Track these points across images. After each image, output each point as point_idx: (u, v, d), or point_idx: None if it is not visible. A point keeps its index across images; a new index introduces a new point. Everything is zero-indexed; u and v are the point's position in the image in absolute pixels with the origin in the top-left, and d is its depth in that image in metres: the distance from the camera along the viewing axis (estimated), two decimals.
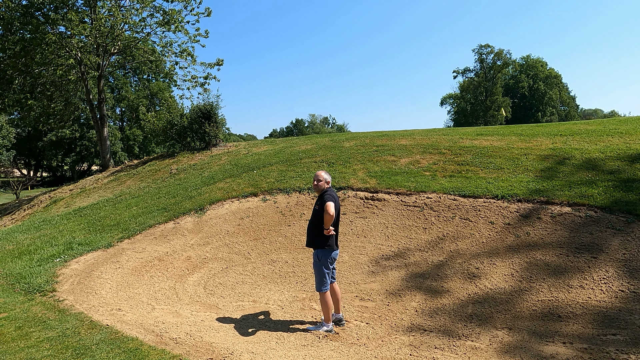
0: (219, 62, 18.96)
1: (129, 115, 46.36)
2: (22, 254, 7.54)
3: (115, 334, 4.22)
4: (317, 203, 4.52)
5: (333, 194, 4.53)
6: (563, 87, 66.08)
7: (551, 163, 7.72)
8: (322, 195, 4.48)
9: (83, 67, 17.95)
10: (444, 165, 8.53)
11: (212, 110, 14.95)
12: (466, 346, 4.06)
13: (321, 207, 4.37)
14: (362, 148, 10.68)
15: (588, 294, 4.60)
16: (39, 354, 3.87)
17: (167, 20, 17.06)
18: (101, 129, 18.62)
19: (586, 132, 9.62)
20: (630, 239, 5.20)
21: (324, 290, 4.46)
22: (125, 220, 8.67)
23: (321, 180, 4.52)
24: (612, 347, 3.80)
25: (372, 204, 7.40)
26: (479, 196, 6.84)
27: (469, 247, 5.84)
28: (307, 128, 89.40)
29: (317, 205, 4.50)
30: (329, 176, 4.60)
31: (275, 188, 8.71)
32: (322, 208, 4.34)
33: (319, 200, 4.48)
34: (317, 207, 4.50)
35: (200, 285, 5.94)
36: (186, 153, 14.91)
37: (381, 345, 4.17)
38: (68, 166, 45.23)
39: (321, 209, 4.36)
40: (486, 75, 61.26)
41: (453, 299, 4.93)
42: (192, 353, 3.85)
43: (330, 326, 4.50)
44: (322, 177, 4.53)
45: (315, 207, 4.54)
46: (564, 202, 6.17)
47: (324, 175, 4.56)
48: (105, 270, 6.43)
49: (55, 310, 5.00)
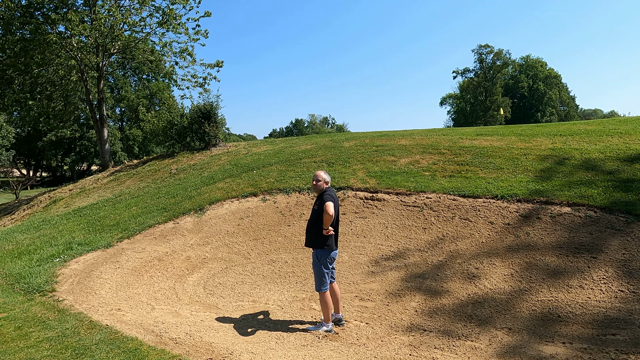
0: (219, 64, 18.97)
1: (129, 115, 46.34)
2: (22, 254, 7.54)
3: (114, 334, 4.22)
4: (316, 203, 4.52)
5: (332, 194, 4.53)
6: (563, 87, 66.11)
7: (551, 163, 7.73)
8: (321, 195, 4.48)
9: (83, 68, 17.94)
10: (443, 165, 8.53)
11: (212, 110, 14.95)
12: (466, 346, 4.06)
13: (320, 207, 4.37)
14: (361, 148, 10.68)
15: (587, 294, 4.60)
16: (39, 354, 3.87)
17: (166, 20, 17.06)
18: (101, 129, 18.61)
19: (586, 132, 9.63)
20: (630, 239, 5.20)
21: (323, 290, 4.46)
22: (125, 220, 8.67)
23: (320, 180, 4.52)
24: (612, 347, 3.80)
25: (372, 204, 7.40)
26: (479, 196, 6.84)
27: (468, 247, 5.84)
28: (306, 128, 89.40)
29: (317, 205, 4.50)
30: (328, 176, 4.60)
31: (275, 188, 8.71)
32: (321, 208, 4.35)
33: (318, 200, 4.49)
34: (316, 207, 4.51)
35: (200, 285, 5.94)
36: (186, 153, 14.91)
37: (381, 345, 4.17)
38: (68, 166, 45.21)
39: (320, 209, 4.36)
40: (486, 75, 61.28)
41: (453, 299, 4.93)
42: (191, 353, 3.85)
43: (330, 326, 4.50)
44: (321, 177, 4.53)
45: (315, 207, 4.54)
46: (564, 202, 6.17)
47: (323, 175, 4.55)
48: (104, 270, 6.42)
49: (55, 310, 5.00)
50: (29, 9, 15.98)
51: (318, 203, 4.47)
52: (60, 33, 16.76)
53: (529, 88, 62.38)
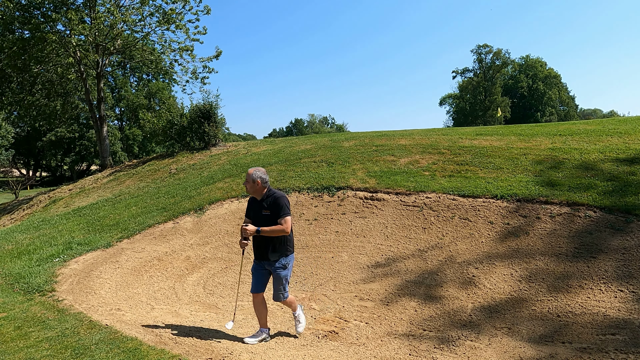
0: (218, 54, 19.00)
1: (129, 115, 46.31)
2: (21, 254, 7.53)
3: (114, 334, 4.22)
4: (268, 208, 4.09)
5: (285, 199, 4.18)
6: (562, 87, 66.14)
7: (550, 163, 7.73)
8: (277, 201, 4.07)
9: (82, 67, 17.93)
10: (443, 165, 8.53)
11: (211, 110, 14.95)
12: (465, 346, 4.07)
13: (276, 215, 4.05)
14: (361, 148, 10.67)
15: (587, 294, 4.60)
16: (38, 353, 3.86)
17: (167, 20, 17.06)
18: (100, 129, 18.60)
19: (585, 132, 9.63)
20: (630, 238, 5.20)
21: (287, 296, 4.27)
22: (125, 220, 8.66)
23: (267, 182, 4.15)
24: (611, 347, 3.81)
25: (372, 204, 7.40)
26: (479, 196, 6.84)
27: (468, 247, 5.84)
28: (306, 128, 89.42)
29: (268, 211, 4.08)
30: (266, 175, 4.19)
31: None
32: (278, 215, 4.04)
33: (273, 206, 4.07)
34: (268, 213, 4.09)
35: (200, 285, 5.94)
36: (185, 153, 14.90)
37: (380, 345, 4.17)
38: (67, 166, 45.19)
39: (276, 216, 4.05)
40: (485, 75, 61.31)
41: (452, 299, 4.93)
42: (191, 353, 3.85)
43: (265, 334, 4.31)
44: (265, 177, 4.13)
45: (264, 212, 4.10)
46: (563, 202, 6.18)
47: (264, 175, 4.14)
48: (104, 270, 6.42)
49: (55, 310, 4.99)
50: (28, 9, 15.97)
51: (273, 209, 4.07)
52: (60, 32, 16.75)
53: (529, 88, 62.41)
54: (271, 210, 4.09)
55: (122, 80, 44.38)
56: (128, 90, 45.00)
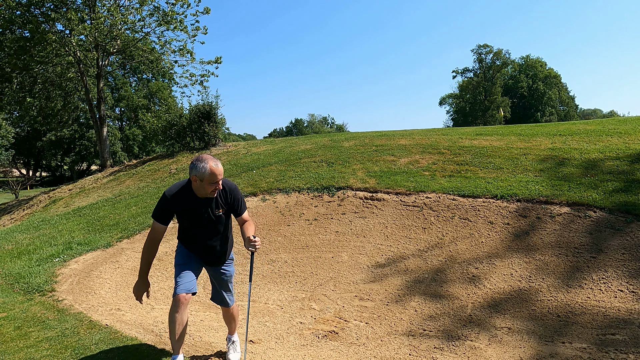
0: (217, 60, 18.97)
1: (129, 115, 46.33)
2: (21, 254, 7.53)
3: (114, 334, 4.22)
4: (222, 206, 3.40)
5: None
6: (562, 87, 66.18)
7: (550, 163, 7.73)
8: (234, 192, 3.42)
9: (82, 67, 17.93)
10: (443, 165, 8.53)
11: (211, 110, 14.94)
12: (466, 346, 4.07)
13: (236, 212, 3.50)
14: (361, 148, 10.67)
15: (587, 294, 4.60)
16: (38, 353, 3.86)
17: (167, 20, 17.06)
18: (100, 129, 18.60)
19: (585, 132, 9.63)
20: (630, 238, 5.20)
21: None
22: (125, 220, 8.66)
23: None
24: (611, 347, 3.81)
25: (372, 204, 7.40)
26: (479, 196, 6.84)
27: (468, 247, 5.84)
28: (306, 128, 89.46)
29: (221, 210, 3.40)
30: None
31: (275, 188, 8.70)
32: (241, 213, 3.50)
33: (234, 205, 3.45)
34: (221, 213, 3.41)
35: (200, 285, 5.94)
36: (185, 153, 14.90)
37: (380, 345, 4.17)
38: (67, 166, 45.22)
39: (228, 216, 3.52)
40: (485, 75, 61.33)
41: (452, 299, 4.93)
42: (191, 353, 3.85)
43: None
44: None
45: (219, 212, 3.39)
46: (563, 202, 6.18)
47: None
48: (104, 270, 6.42)
49: (55, 310, 4.99)
50: (29, 8, 15.98)
51: (229, 208, 3.46)
52: (60, 32, 16.76)
53: (529, 88, 62.43)
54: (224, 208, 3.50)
55: (122, 80, 44.39)
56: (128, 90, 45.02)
